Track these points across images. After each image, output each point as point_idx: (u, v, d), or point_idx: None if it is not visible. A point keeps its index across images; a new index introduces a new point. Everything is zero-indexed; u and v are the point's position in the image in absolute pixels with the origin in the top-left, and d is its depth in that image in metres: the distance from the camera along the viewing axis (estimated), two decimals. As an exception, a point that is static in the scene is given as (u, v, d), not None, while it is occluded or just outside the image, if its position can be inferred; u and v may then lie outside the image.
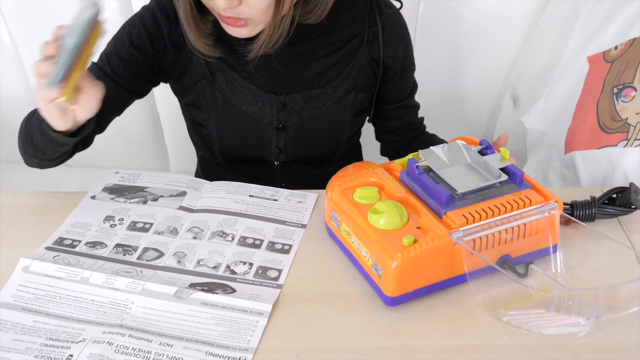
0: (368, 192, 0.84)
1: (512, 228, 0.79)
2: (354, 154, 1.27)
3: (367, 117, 1.19)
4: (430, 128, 1.54)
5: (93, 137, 1.05)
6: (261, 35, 0.96)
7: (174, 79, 1.09)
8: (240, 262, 0.87)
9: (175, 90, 1.13)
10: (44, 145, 0.94)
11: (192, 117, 1.14)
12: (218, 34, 1.01)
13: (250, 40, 0.98)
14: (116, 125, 1.11)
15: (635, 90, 1.12)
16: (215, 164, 1.20)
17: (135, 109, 1.16)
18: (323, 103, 1.08)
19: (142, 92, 1.10)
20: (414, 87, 1.16)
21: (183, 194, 1.00)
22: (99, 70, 1.05)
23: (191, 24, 0.96)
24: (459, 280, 0.80)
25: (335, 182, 0.88)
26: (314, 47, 1.04)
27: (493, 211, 0.79)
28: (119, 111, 1.09)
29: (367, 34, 1.05)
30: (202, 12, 0.97)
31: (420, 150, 0.87)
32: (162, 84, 1.12)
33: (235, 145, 1.13)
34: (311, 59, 1.05)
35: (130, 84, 1.06)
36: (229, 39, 1.01)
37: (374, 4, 1.05)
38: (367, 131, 1.24)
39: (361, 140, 1.31)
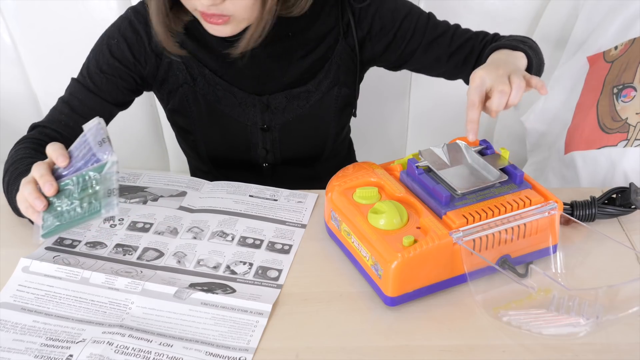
0: (368, 192, 0.84)
1: (512, 228, 0.79)
2: (344, 151, 1.26)
3: (353, 111, 1.17)
4: (430, 128, 1.55)
5: None
6: (246, 33, 0.94)
7: (156, 87, 1.09)
8: (240, 262, 0.87)
9: (159, 99, 1.12)
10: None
11: (177, 124, 1.14)
12: (196, 37, 1.00)
13: (231, 41, 0.97)
14: (116, 125, 1.11)
15: (635, 90, 1.12)
16: (206, 171, 1.20)
17: (135, 109, 1.16)
18: (306, 101, 1.07)
19: (126, 103, 1.09)
20: (428, 18, 1.06)
21: (183, 194, 1.00)
22: (81, 87, 1.03)
23: (161, 21, 0.94)
24: (459, 280, 0.80)
25: (335, 182, 0.88)
26: (293, 47, 1.03)
27: (493, 211, 0.79)
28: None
29: (341, 28, 1.04)
30: (176, 11, 0.95)
31: (420, 150, 0.87)
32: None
33: (222, 149, 1.13)
34: (292, 59, 1.04)
35: (114, 97, 1.05)
36: (209, 43, 1.01)
37: None
38: (361, 131, 1.24)
39: (356, 140, 1.31)
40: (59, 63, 1.47)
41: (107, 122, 1.07)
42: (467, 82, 1.09)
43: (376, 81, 1.30)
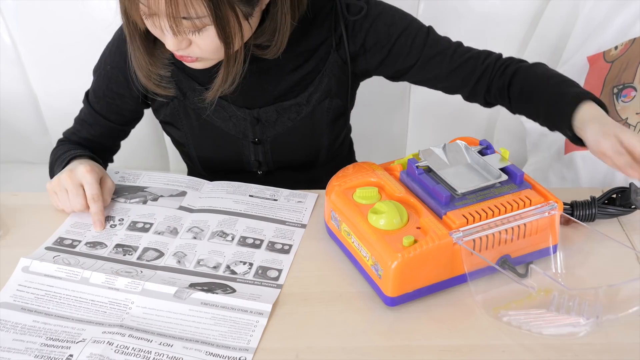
0: (368, 192, 0.84)
1: (512, 228, 0.79)
2: (345, 153, 1.25)
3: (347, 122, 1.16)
4: (431, 128, 1.55)
5: (112, 158, 1.17)
6: (214, 84, 0.93)
7: (150, 99, 1.08)
8: (240, 262, 0.87)
9: (152, 110, 1.12)
10: None
11: (170, 135, 1.14)
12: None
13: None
14: (116, 125, 1.11)
15: (635, 90, 1.12)
16: (203, 176, 1.20)
17: (135, 109, 1.16)
18: (297, 114, 1.06)
19: (134, 120, 1.13)
20: (427, 35, 1.02)
21: (183, 194, 1.00)
22: (91, 110, 1.08)
23: (143, 65, 0.95)
24: (459, 280, 0.80)
25: (335, 182, 0.88)
26: (284, 60, 1.00)
27: (493, 211, 0.79)
28: (121, 138, 1.15)
29: (334, 40, 1.02)
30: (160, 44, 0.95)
31: (420, 150, 0.87)
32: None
33: (215, 161, 1.13)
34: (281, 72, 1.03)
35: (117, 119, 1.09)
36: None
37: (338, 10, 1.01)
38: (361, 131, 1.23)
39: (356, 140, 1.30)
40: (59, 63, 1.47)
41: (123, 138, 1.15)
42: (465, 98, 1.07)
43: (376, 81, 1.29)
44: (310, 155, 1.13)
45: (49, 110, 1.54)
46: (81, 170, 0.95)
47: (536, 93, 0.96)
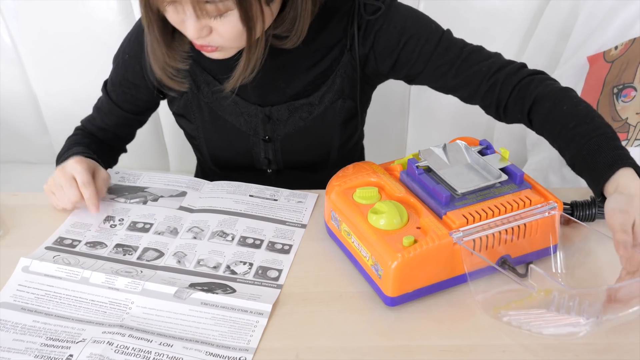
0: (368, 192, 0.84)
1: (512, 228, 0.79)
2: (355, 158, 1.22)
3: (359, 124, 1.14)
4: (431, 128, 1.55)
5: (125, 148, 1.21)
6: (237, 68, 0.93)
7: (165, 92, 1.09)
8: (240, 262, 0.87)
9: (167, 102, 1.13)
10: None
11: (183, 128, 1.15)
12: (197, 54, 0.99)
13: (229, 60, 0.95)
14: (116, 125, 1.11)
15: (635, 90, 1.12)
16: (213, 170, 1.20)
17: (135, 109, 1.16)
18: (309, 113, 1.05)
19: (148, 110, 1.15)
20: (438, 41, 0.99)
21: (183, 194, 1.00)
22: (107, 99, 1.10)
23: (159, 57, 0.94)
24: (459, 280, 0.80)
25: (335, 182, 0.88)
26: (299, 57, 1.00)
27: (493, 211, 0.79)
28: (135, 128, 1.18)
29: (348, 40, 1.01)
30: (178, 35, 0.95)
31: (420, 150, 0.87)
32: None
33: (225, 156, 1.13)
34: (296, 71, 1.02)
35: (132, 109, 1.11)
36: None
37: (356, 9, 0.99)
38: (368, 131, 1.24)
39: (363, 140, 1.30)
40: (59, 63, 1.47)
41: (137, 128, 1.18)
42: (483, 109, 1.02)
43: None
44: (320, 156, 1.13)
45: (49, 110, 1.54)
46: (70, 163, 0.96)
47: (562, 137, 0.89)
